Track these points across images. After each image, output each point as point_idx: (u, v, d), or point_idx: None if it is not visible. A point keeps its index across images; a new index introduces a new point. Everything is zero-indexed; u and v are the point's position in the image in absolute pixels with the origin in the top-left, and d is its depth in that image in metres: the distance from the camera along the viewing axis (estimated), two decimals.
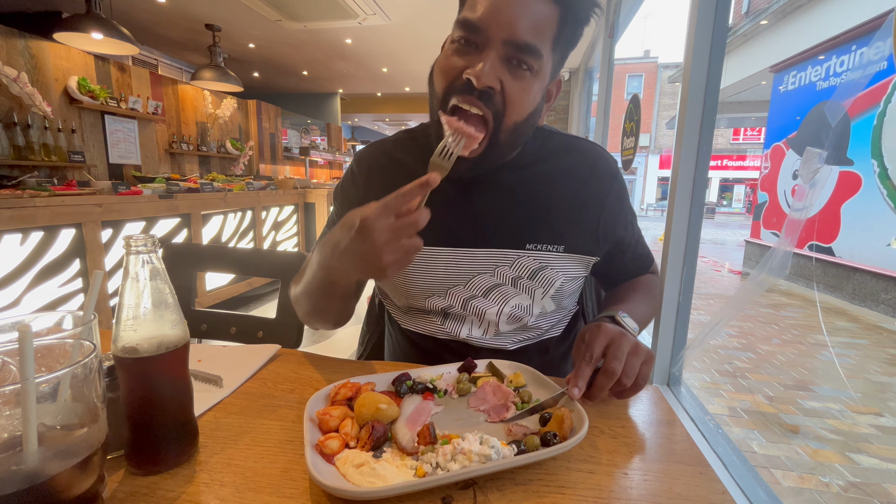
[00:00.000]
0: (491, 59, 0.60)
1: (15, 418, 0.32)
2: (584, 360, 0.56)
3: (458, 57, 0.62)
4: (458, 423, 0.53)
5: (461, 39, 0.62)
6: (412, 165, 0.76)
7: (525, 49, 0.60)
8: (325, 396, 0.56)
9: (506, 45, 0.60)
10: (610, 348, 0.56)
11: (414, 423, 0.51)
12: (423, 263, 0.74)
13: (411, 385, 0.59)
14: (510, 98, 0.62)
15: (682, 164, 1.08)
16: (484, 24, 0.59)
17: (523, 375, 0.62)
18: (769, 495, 0.95)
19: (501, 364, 0.64)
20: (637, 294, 0.79)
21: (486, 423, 0.54)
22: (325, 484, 0.40)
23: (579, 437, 0.46)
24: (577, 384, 0.54)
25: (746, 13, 8.14)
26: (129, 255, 0.43)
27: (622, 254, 0.81)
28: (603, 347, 0.57)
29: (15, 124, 3.12)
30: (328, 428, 0.50)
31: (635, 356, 0.56)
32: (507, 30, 0.59)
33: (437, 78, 0.66)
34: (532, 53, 0.60)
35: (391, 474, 0.43)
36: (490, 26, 0.59)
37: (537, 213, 0.73)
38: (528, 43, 0.59)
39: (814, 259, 5.08)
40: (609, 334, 0.58)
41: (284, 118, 6.96)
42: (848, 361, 3.12)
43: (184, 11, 4.26)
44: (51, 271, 2.18)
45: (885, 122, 4.13)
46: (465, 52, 0.62)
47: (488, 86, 0.60)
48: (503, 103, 0.62)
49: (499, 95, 0.61)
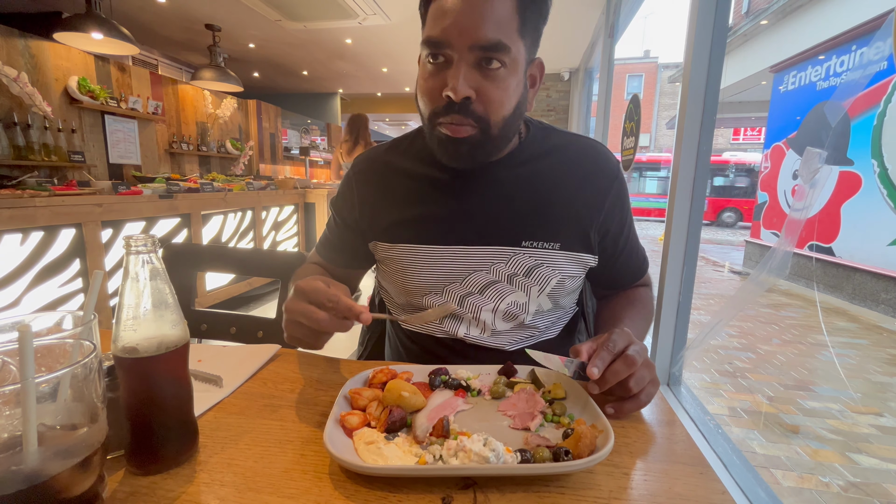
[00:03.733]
0: (461, 70, 0.61)
1: (15, 418, 0.32)
2: (607, 347, 0.54)
3: (433, 78, 0.64)
4: (481, 424, 0.53)
5: (430, 57, 0.63)
6: (409, 169, 0.77)
7: (492, 48, 0.60)
8: (364, 379, 0.60)
9: (472, 51, 0.61)
10: (630, 347, 0.55)
11: (435, 415, 0.52)
12: (420, 262, 0.74)
13: (445, 380, 0.61)
14: (490, 100, 0.63)
15: (683, 164, 1.08)
16: (446, 37, 0.60)
17: (563, 388, 0.60)
18: (769, 495, 0.95)
19: (542, 373, 0.63)
20: (633, 310, 0.78)
21: (508, 428, 0.53)
22: (328, 448, 0.43)
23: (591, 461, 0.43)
24: (596, 364, 0.53)
25: (746, 13, 8.14)
26: (129, 255, 0.43)
27: (618, 256, 0.80)
28: (625, 345, 0.55)
29: (15, 124, 3.12)
30: (357, 405, 0.54)
31: (647, 369, 0.56)
32: (470, 35, 0.60)
33: (420, 101, 0.68)
34: (500, 50, 0.61)
35: (394, 457, 0.45)
36: (452, 37, 0.60)
37: (534, 211, 0.73)
38: (492, 41, 0.60)
39: (814, 259, 5.08)
40: (632, 338, 0.57)
41: (284, 118, 6.96)
42: (848, 361, 3.12)
43: (184, 11, 4.27)
44: (51, 271, 2.18)
45: (885, 122, 4.13)
46: (438, 69, 0.63)
47: (465, 97, 0.61)
48: (484, 107, 0.64)
49: (478, 102, 0.63)
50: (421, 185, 0.76)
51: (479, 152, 0.67)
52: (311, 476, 0.45)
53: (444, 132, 0.65)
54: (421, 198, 0.75)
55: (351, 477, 0.44)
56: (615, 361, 0.54)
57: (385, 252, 0.77)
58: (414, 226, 0.75)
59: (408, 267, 0.75)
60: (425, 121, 0.68)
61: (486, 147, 0.67)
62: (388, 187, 0.78)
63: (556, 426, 0.54)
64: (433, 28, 0.62)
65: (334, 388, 0.63)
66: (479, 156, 0.68)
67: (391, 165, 0.79)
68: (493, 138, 0.66)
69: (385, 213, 0.77)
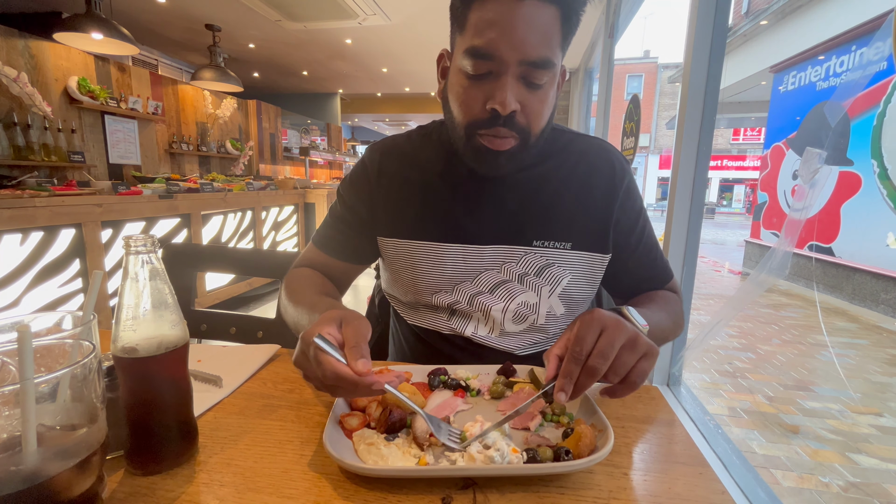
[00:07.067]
0: (510, 84, 0.60)
1: (14, 418, 0.32)
2: (572, 355, 0.48)
3: (474, 88, 0.62)
4: None
5: (472, 67, 0.61)
6: (425, 162, 0.76)
7: (542, 64, 0.60)
8: None
9: (521, 66, 0.59)
10: (600, 340, 0.48)
11: (435, 415, 0.52)
12: (431, 259, 0.74)
13: (445, 380, 0.60)
14: (532, 113, 0.63)
15: (682, 164, 1.08)
16: (495, 49, 0.58)
17: None
18: (769, 495, 0.95)
19: (541, 372, 0.62)
20: (654, 304, 0.72)
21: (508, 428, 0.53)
22: (328, 449, 0.43)
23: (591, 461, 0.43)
24: (562, 387, 0.47)
25: (746, 13, 8.14)
26: (129, 256, 0.43)
27: (631, 254, 0.76)
28: (594, 339, 0.48)
29: (15, 124, 3.12)
30: (356, 406, 0.54)
31: (630, 350, 0.48)
32: (520, 51, 0.58)
33: (456, 110, 0.66)
34: (548, 66, 0.60)
35: (394, 458, 0.45)
36: (502, 50, 0.58)
37: (544, 210, 0.73)
38: (542, 58, 0.59)
39: (814, 259, 5.08)
40: (602, 322, 0.49)
41: (284, 118, 6.96)
42: (848, 361, 3.12)
43: (184, 11, 4.26)
44: (51, 271, 2.18)
45: (884, 122, 4.13)
46: (480, 79, 0.61)
47: (513, 110, 0.61)
48: (527, 120, 0.63)
49: (521, 115, 0.62)
50: (436, 181, 0.75)
51: (515, 161, 0.67)
52: (311, 476, 0.45)
53: (484, 144, 0.64)
54: (435, 194, 0.75)
55: (350, 477, 0.44)
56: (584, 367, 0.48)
57: (394, 247, 0.77)
58: (426, 222, 0.74)
59: (418, 264, 0.75)
60: (460, 129, 0.65)
61: (523, 156, 0.66)
62: (404, 180, 0.76)
63: (555, 426, 0.54)
64: (479, 38, 0.59)
65: None
66: (515, 165, 0.67)
67: (408, 157, 0.77)
68: (530, 147, 0.66)
69: (398, 206, 0.76)
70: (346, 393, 0.49)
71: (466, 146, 0.66)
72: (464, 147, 0.67)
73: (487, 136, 0.63)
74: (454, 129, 0.67)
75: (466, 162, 0.69)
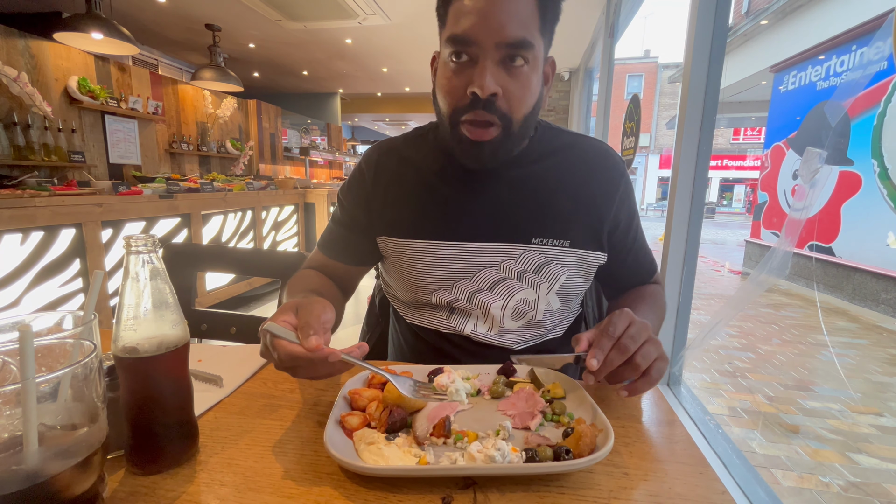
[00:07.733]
0: (488, 67, 0.61)
1: (15, 418, 0.32)
2: (606, 333, 0.53)
3: (456, 75, 0.64)
4: (481, 424, 0.53)
5: (453, 56, 0.63)
6: (421, 162, 0.77)
7: (518, 45, 0.61)
8: (364, 379, 0.60)
9: (499, 48, 0.61)
10: (629, 329, 0.54)
11: (436, 415, 0.52)
12: (430, 257, 0.74)
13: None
14: (513, 97, 0.64)
15: (682, 164, 1.08)
16: (472, 34, 0.61)
17: (562, 387, 0.60)
18: (769, 495, 0.96)
19: (541, 372, 0.63)
20: (644, 304, 0.77)
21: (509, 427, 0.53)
22: (329, 449, 0.43)
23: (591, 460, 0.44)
24: (595, 355, 0.52)
25: (746, 13, 8.14)
26: (130, 255, 0.43)
27: (627, 254, 0.80)
28: (625, 327, 0.54)
29: (15, 124, 3.12)
30: (357, 406, 0.54)
31: (652, 345, 0.54)
32: (497, 33, 0.60)
33: (441, 99, 0.68)
34: (525, 47, 0.62)
35: (394, 457, 0.45)
36: (479, 35, 0.60)
37: (543, 208, 0.73)
38: (518, 39, 0.61)
39: (814, 259, 5.08)
40: (632, 318, 0.55)
41: (284, 118, 6.96)
42: (848, 361, 3.12)
43: (184, 11, 4.27)
44: (51, 271, 2.18)
45: (885, 122, 4.12)
46: (461, 68, 0.63)
47: (492, 93, 0.62)
48: (508, 104, 0.64)
49: (502, 99, 0.63)
50: (433, 180, 0.76)
51: (500, 151, 0.67)
52: (311, 476, 0.45)
53: (466, 134, 0.65)
54: (433, 193, 0.75)
55: (351, 477, 0.45)
56: (617, 343, 0.53)
57: (394, 247, 0.77)
58: (424, 221, 0.75)
59: (417, 262, 0.75)
60: (445, 119, 0.67)
61: (507, 145, 0.67)
62: (402, 181, 0.77)
63: (555, 425, 0.54)
64: (457, 26, 0.62)
65: (334, 388, 0.63)
66: (500, 155, 0.68)
67: (405, 158, 0.78)
68: (514, 135, 0.67)
69: (396, 206, 0.77)
70: (308, 371, 0.50)
71: (452, 138, 0.68)
72: (450, 139, 0.68)
73: (469, 124, 0.64)
74: (442, 123, 0.69)
75: (455, 156, 0.70)
